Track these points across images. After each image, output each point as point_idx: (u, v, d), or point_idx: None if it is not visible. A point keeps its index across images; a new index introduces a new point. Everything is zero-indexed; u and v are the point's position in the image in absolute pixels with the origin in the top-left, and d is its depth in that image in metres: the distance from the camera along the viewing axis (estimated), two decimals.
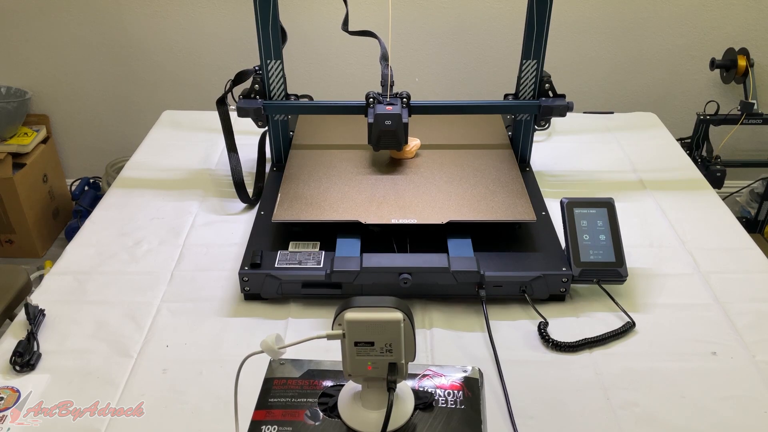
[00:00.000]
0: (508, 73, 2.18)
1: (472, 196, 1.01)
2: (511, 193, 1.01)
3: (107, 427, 0.75)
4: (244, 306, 0.93)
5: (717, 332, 0.88)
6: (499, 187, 1.03)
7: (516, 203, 0.99)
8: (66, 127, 2.42)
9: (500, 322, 0.90)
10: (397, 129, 1.04)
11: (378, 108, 1.05)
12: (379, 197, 1.01)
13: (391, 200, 1.00)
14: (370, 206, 0.98)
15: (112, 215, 1.14)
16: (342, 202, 0.99)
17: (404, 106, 1.07)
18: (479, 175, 1.07)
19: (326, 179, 1.05)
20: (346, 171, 1.08)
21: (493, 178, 1.05)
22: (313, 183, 1.04)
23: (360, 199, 1.00)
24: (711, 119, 2.12)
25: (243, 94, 1.14)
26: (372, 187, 1.03)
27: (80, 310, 0.92)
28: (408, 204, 0.99)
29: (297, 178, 1.06)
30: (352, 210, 0.97)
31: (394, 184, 1.04)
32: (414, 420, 0.68)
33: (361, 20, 2.15)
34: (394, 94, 1.09)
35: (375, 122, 1.04)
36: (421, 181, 1.05)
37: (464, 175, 1.07)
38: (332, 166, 1.09)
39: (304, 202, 0.99)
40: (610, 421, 0.76)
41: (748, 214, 2.34)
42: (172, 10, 2.15)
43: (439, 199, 1.00)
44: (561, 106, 1.12)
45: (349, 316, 0.61)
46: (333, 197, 1.01)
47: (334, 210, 0.97)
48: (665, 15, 2.13)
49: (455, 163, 1.11)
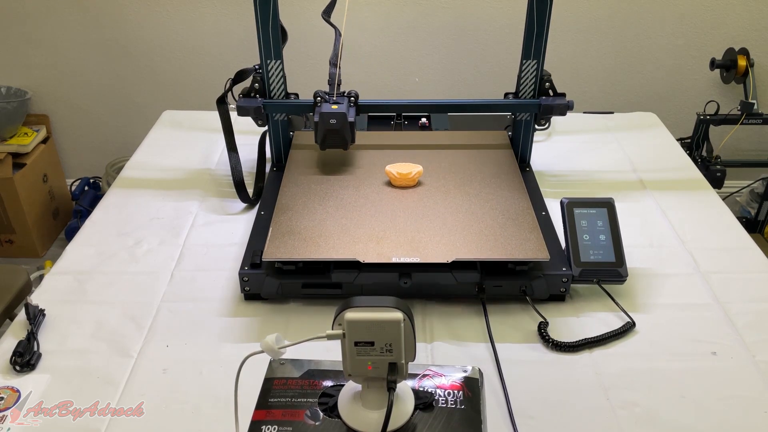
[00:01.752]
0: (508, 73, 2.18)
1: (479, 229, 0.93)
2: (522, 227, 0.93)
3: (107, 427, 0.75)
4: (244, 306, 0.93)
5: (717, 332, 0.88)
6: (508, 220, 0.95)
7: (528, 238, 0.91)
8: (66, 127, 2.42)
9: (500, 322, 0.90)
10: (342, 128, 1.03)
11: (324, 107, 1.04)
12: (379, 232, 0.93)
13: (392, 236, 0.92)
14: (369, 242, 0.90)
15: (112, 215, 1.14)
16: (339, 237, 0.92)
17: (351, 105, 1.07)
18: (487, 205, 0.99)
19: (321, 210, 0.98)
20: (343, 201, 1.00)
21: (502, 209, 0.98)
22: (308, 214, 0.97)
23: (358, 234, 0.92)
24: (711, 119, 2.12)
25: (243, 93, 1.14)
26: (371, 220, 0.95)
27: (80, 310, 0.92)
28: (410, 240, 0.91)
29: (290, 208, 0.98)
30: (350, 246, 0.90)
31: (395, 216, 0.96)
32: (414, 420, 0.68)
33: (362, 20, 2.15)
34: (342, 92, 1.08)
35: (320, 121, 1.03)
36: (423, 213, 0.97)
37: (470, 205, 0.99)
38: (328, 196, 1.01)
39: (297, 238, 0.91)
40: (610, 421, 0.76)
41: (748, 214, 2.34)
42: (172, 10, 2.15)
43: (443, 234, 0.92)
44: (561, 105, 1.12)
45: (349, 316, 0.61)
46: (329, 232, 0.93)
47: (331, 247, 0.90)
48: (665, 15, 2.13)
49: (460, 190, 1.03)
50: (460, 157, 1.14)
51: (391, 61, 2.23)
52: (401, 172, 1.04)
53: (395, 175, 1.04)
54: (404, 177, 1.04)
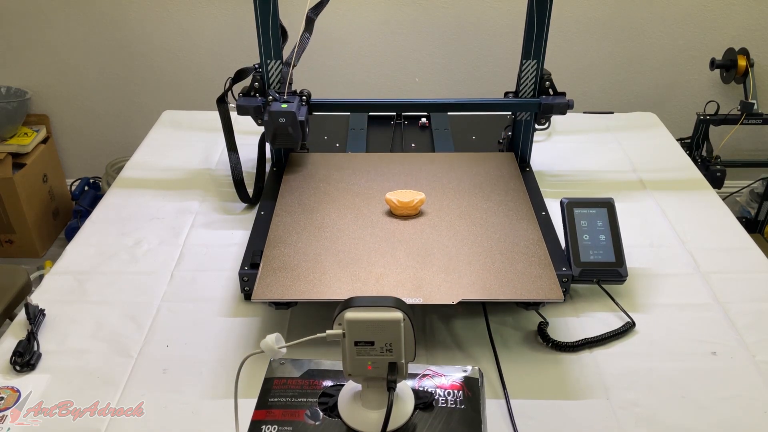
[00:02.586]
0: (508, 73, 2.18)
1: (487, 264, 0.87)
2: (533, 262, 0.87)
3: (107, 427, 0.75)
4: (244, 306, 0.93)
5: (717, 332, 0.88)
6: (518, 254, 0.89)
7: (540, 275, 0.84)
8: (66, 127, 2.42)
9: (500, 322, 0.90)
10: (292, 126, 1.03)
11: (273, 105, 1.04)
12: (378, 269, 0.86)
13: (393, 273, 0.86)
14: (368, 280, 0.84)
15: (112, 215, 1.14)
16: (335, 273, 0.86)
17: (303, 104, 1.07)
18: (495, 237, 0.93)
19: (316, 244, 0.91)
20: (340, 233, 0.94)
21: (511, 242, 0.91)
22: (301, 247, 0.90)
23: (356, 271, 0.86)
24: (711, 119, 2.12)
25: (243, 92, 1.14)
26: (370, 255, 0.89)
27: (80, 310, 0.92)
28: (412, 278, 0.85)
29: (282, 242, 0.92)
30: (347, 285, 0.84)
31: (395, 251, 0.90)
32: (414, 420, 0.68)
33: (361, 20, 2.15)
34: (293, 91, 1.08)
35: (269, 119, 1.03)
36: (426, 246, 0.91)
37: (477, 237, 0.93)
38: (323, 228, 0.95)
39: (290, 275, 0.85)
40: (610, 421, 0.76)
41: (748, 214, 2.34)
42: (172, 10, 2.15)
43: (448, 271, 0.86)
44: (561, 104, 1.12)
45: (349, 316, 0.61)
46: (324, 267, 0.86)
47: (326, 285, 0.84)
48: (665, 15, 2.13)
49: (465, 219, 0.97)
50: (464, 180, 1.08)
51: (391, 61, 2.23)
52: (402, 201, 0.97)
53: (396, 203, 0.97)
54: (406, 205, 0.97)
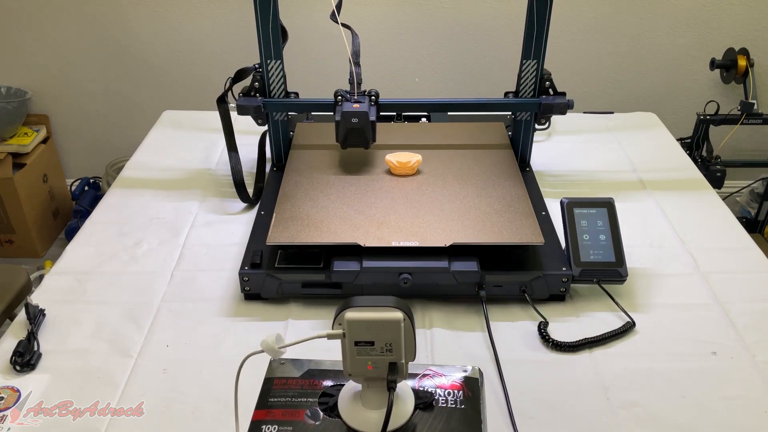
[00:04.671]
0: (508, 73, 2.18)
1: (477, 216, 0.96)
2: (518, 213, 0.96)
3: (107, 427, 0.75)
4: (244, 306, 0.93)
5: (717, 332, 0.88)
6: (504, 207, 0.98)
7: (523, 224, 0.94)
8: (66, 127, 2.42)
9: (500, 322, 0.90)
10: (364, 126, 1.03)
11: (345, 105, 1.04)
12: (379, 218, 0.96)
13: (392, 221, 0.95)
14: (370, 227, 0.93)
15: (112, 215, 1.14)
16: (340, 223, 0.95)
17: (372, 104, 1.07)
18: (483, 193, 1.02)
19: (323, 198, 1.01)
20: (344, 190, 1.03)
21: (498, 196, 1.01)
22: (310, 202, 0.99)
23: (359, 220, 0.95)
24: (711, 119, 2.12)
25: (243, 92, 1.14)
26: (371, 207, 0.98)
27: (80, 310, 0.92)
28: (409, 225, 0.94)
29: (293, 197, 1.01)
30: (351, 232, 0.92)
31: (394, 203, 0.99)
32: (414, 420, 0.68)
33: (361, 20, 2.15)
34: (363, 91, 1.08)
35: (342, 119, 1.03)
36: (422, 200, 1.00)
37: (468, 193, 1.02)
38: (329, 185, 1.04)
39: (300, 224, 0.94)
40: (610, 421, 0.76)
41: (748, 214, 2.34)
42: (172, 10, 2.15)
43: (441, 220, 0.95)
44: (561, 104, 1.12)
45: (350, 316, 0.61)
46: (330, 218, 0.96)
47: (332, 232, 0.93)
48: (665, 15, 2.13)
49: (458, 178, 1.06)
50: (459, 148, 1.17)
51: (391, 61, 2.23)
52: (401, 161, 1.07)
53: (395, 163, 1.07)
54: (404, 165, 1.06)
